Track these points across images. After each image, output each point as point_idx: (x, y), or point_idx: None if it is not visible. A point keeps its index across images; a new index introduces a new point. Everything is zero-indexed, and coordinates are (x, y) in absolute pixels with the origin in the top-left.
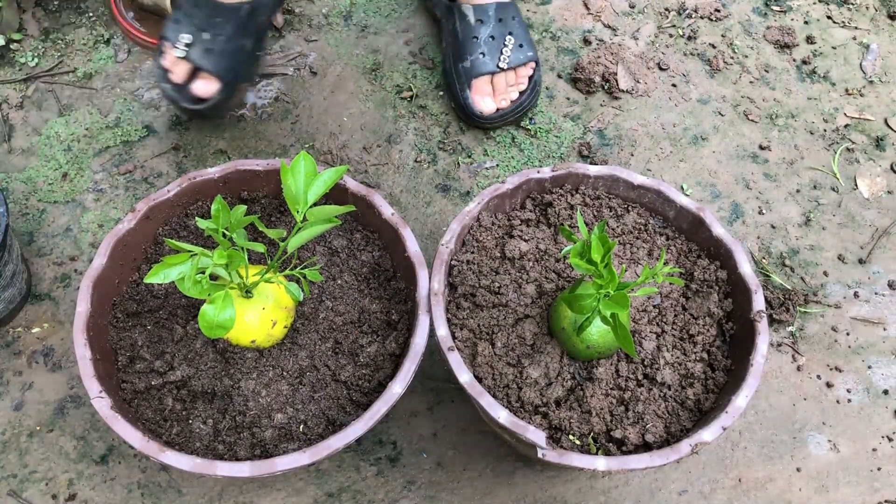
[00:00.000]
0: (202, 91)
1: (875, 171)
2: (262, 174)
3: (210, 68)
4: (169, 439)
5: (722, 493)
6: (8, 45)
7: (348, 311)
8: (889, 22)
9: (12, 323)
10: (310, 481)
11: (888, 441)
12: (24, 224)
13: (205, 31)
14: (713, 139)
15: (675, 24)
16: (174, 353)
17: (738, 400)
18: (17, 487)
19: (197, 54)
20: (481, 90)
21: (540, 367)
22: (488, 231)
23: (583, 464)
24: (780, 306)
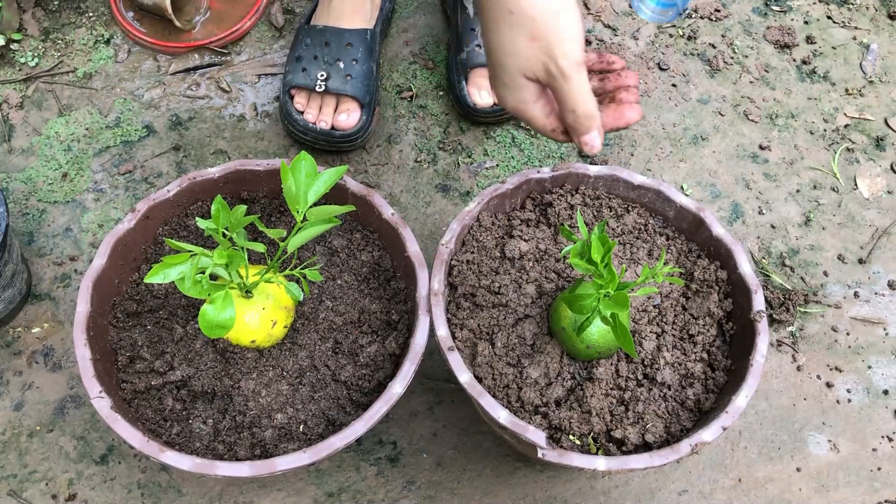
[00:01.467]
0: (347, 123)
1: (875, 171)
2: (262, 174)
3: (351, 93)
4: (169, 439)
5: (722, 493)
6: (8, 45)
7: (348, 311)
8: (889, 22)
9: (12, 323)
10: (310, 481)
11: (888, 441)
12: (24, 224)
13: (339, 59)
14: (713, 139)
15: (674, 24)
16: (174, 353)
17: (738, 400)
18: (17, 487)
19: (336, 83)
20: (478, 83)
21: (540, 367)
22: (488, 231)
23: (583, 464)
24: (780, 306)
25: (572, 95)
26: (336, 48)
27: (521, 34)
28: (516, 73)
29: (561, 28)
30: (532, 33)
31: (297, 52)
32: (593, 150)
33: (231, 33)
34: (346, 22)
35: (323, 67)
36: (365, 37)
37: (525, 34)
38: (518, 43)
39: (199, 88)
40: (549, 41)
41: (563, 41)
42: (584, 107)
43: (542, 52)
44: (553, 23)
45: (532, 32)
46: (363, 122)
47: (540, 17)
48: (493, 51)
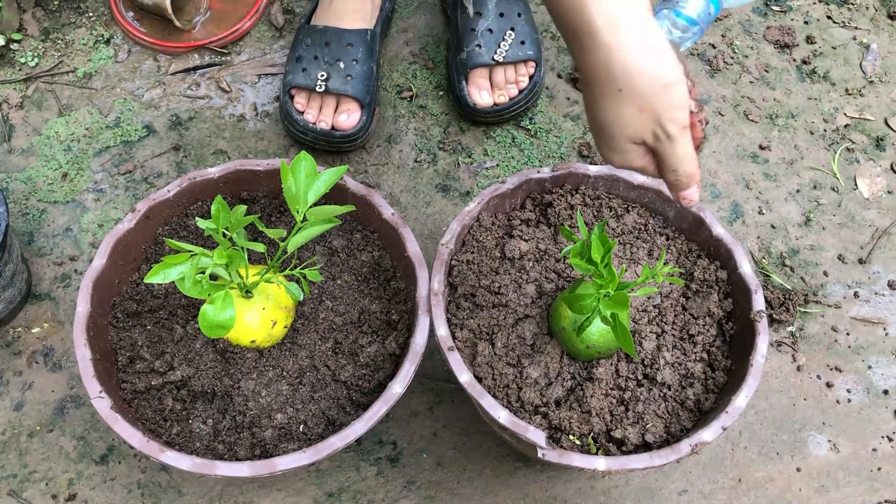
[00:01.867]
0: (347, 124)
1: (875, 171)
2: (262, 174)
3: (352, 93)
4: (169, 439)
5: (722, 493)
6: (8, 45)
7: (348, 311)
8: (889, 22)
9: (12, 323)
10: (310, 481)
11: (888, 441)
12: (24, 224)
13: (339, 59)
14: (713, 139)
15: None
16: (174, 353)
17: (738, 400)
18: (17, 487)
19: (336, 83)
20: (478, 83)
21: (540, 367)
22: (488, 231)
23: (583, 464)
24: (780, 306)
25: (676, 157)
26: (336, 48)
27: (632, 107)
28: (624, 140)
29: (670, 99)
30: (641, 106)
31: (298, 52)
32: (691, 203)
33: (231, 33)
34: (347, 22)
35: (323, 67)
36: (365, 37)
37: (635, 107)
38: (627, 115)
39: (199, 88)
40: (658, 112)
41: (671, 109)
42: (686, 166)
43: (651, 122)
44: (662, 94)
45: (641, 106)
46: (363, 123)
47: (649, 91)
48: (600, 121)
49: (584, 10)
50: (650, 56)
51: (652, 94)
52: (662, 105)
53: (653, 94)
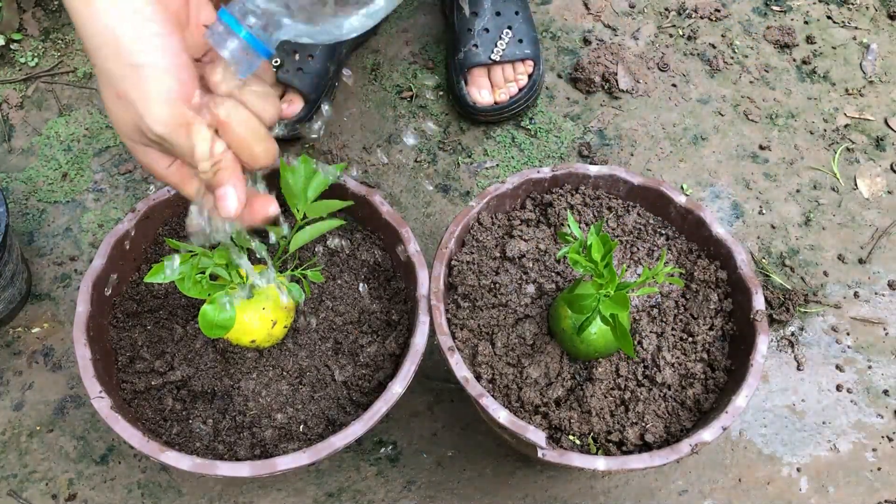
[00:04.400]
0: (285, 113)
1: (875, 171)
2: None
3: (297, 85)
4: (169, 439)
5: (722, 493)
6: (8, 45)
7: (348, 311)
8: (889, 22)
9: (12, 323)
10: (310, 481)
11: (888, 441)
12: (24, 224)
13: (295, 52)
14: (713, 139)
15: (675, 24)
16: (174, 353)
17: (738, 400)
18: (17, 487)
19: (286, 74)
20: (478, 82)
21: (540, 367)
22: (488, 231)
23: (583, 464)
24: (780, 306)
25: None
26: None
27: (108, 90)
28: (124, 136)
29: (145, 87)
30: (116, 91)
31: None
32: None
33: None
34: None
35: (279, 54)
36: None
37: (111, 91)
38: (108, 100)
39: None
40: (133, 102)
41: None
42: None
43: (133, 114)
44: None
45: (116, 91)
46: (300, 116)
47: (117, 72)
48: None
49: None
50: (124, 22)
51: (121, 75)
52: (134, 94)
53: (122, 76)
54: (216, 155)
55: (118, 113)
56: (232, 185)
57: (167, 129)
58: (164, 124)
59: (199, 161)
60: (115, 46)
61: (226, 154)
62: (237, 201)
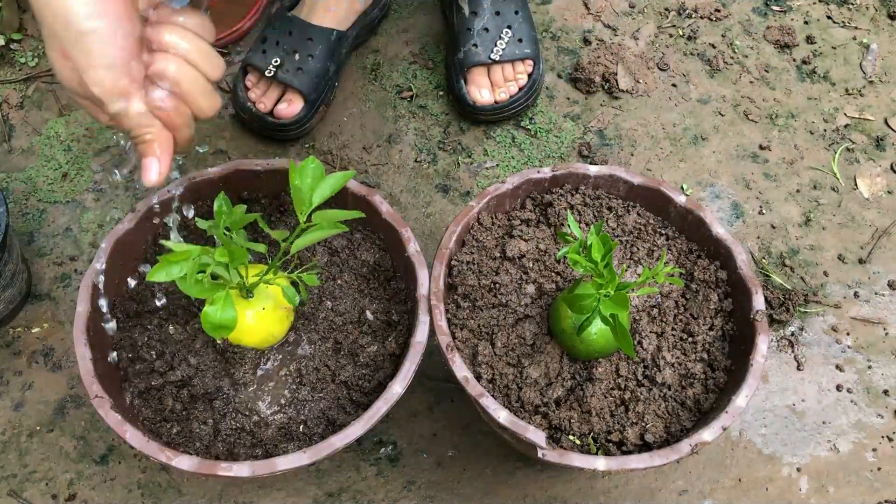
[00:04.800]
0: (285, 113)
1: (875, 171)
2: (262, 174)
3: (297, 85)
4: (169, 439)
5: (722, 493)
6: (8, 45)
7: (348, 311)
8: (889, 22)
9: (12, 323)
10: (310, 481)
11: (888, 441)
12: (24, 224)
13: (296, 51)
14: (713, 139)
15: (675, 24)
16: (174, 353)
17: (738, 400)
18: (17, 487)
19: (285, 72)
20: (477, 82)
21: (540, 367)
22: (488, 231)
23: (583, 464)
24: (780, 306)
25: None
26: (297, 39)
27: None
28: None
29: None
30: (62, 52)
31: (265, 34)
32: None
33: (231, 33)
34: (317, 18)
35: (279, 54)
36: (329, 36)
37: (58, 52)
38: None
39: None
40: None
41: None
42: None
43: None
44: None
45: (62, 51)
46: (300, 116)
47: (62, 35)
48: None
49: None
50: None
51: (67, 39)
52: (79, 58)
53: (68, 39)
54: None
55: (63, 70)
56: (157, 158)
57: (104, 92)
58: (102, 88)
59: (127, 128)
60: (64, 12)
61: (160, 131)
62: (157, 174)
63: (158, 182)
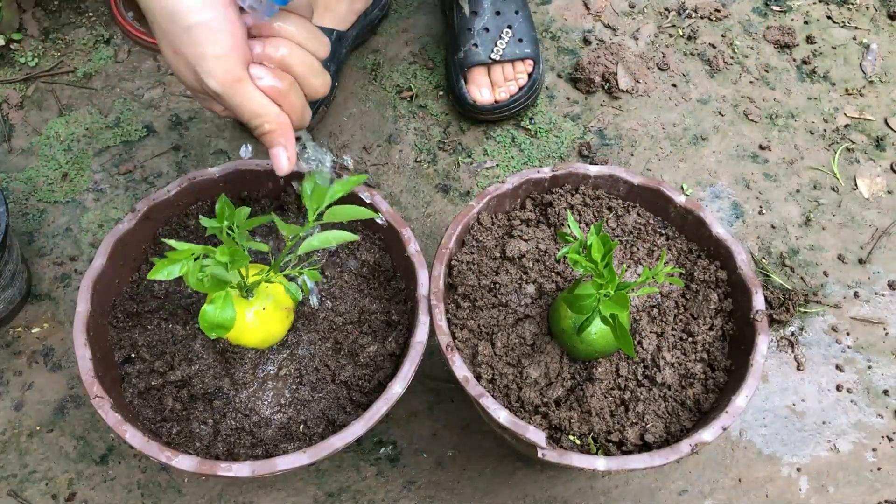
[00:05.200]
0: None
1: (875, 171)
2: (263, 174)
3: None
4: (169, 439)
5: (722, 493)
6: (8, 45)
7: (348, 311)
8: (889, 22)
9: (12, 323)
10: (310, 481)
11: (888, 441)
12: (24, 224)
13: None
14: (713, 139)
15: (675, 24)
16: (174, 353)
17: (738, 400)
18: (17, 487)
19: None
20: (477, 81)
21: (540, 367)
22: (488, 231)
23: (583, 464)
24: (780, 306)
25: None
26: None
27: (167, 47)
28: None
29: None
30: (173, 48)
31: None
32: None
33: None
34: (316, 18)
35: None
36: (329, 37)
37: (170, 48)
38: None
39: None
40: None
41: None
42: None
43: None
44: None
45: (173, 47)
46: None
47: (171, 31)
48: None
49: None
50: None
51: (175, 35)
52: (191, 52)
53: (175, 35)
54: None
55: (178, 67)
56: (283, 146)
57: (220, 85)
58: (218, 80)
59: (248, 119)
60: (171, 8)
61: (278, 117)
62: (287, 160)
63: (291, 167)
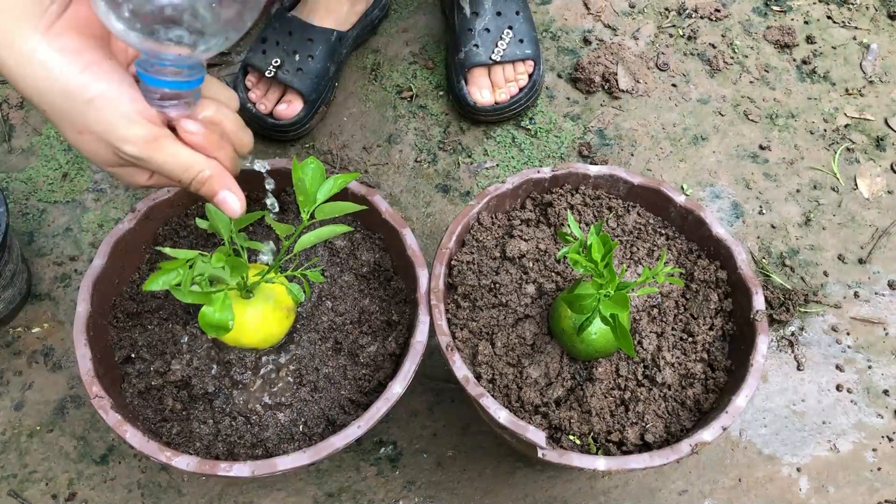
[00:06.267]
0: (285, 114)
1: (875, 171)
2: (262, 174)
3: (297, 86)
4: (169, 439)
5: (722, 493)
6: None
7: (348, 311)
8: (889, 22)
9: (12, 323)
10: (310, 481)
11: (888, 441)
12: (24, 224)
13: (296, 52)
14: (713, 139)
15: (675, 24)
16: (174, 353)
17: (738, 400)
18: (17, 487)
19: (286, 73)
20: (478, 82)
21: (540, 366)
22: (488, 231)
23: (583, 464)
24: (780, 306)
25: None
26: (297, 40)
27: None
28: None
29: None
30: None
31: (264, 34)
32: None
33: None
34: (317, 19)
35: (279, 55)
36: (329, 37)
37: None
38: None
39: None
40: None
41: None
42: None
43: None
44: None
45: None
46: (300, 117)
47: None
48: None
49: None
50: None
51: (76, 113)
52: (98, 126)
53: (77, 113)
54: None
55: (86, 146)
56: (227, 188)
57: (140, 148)
58: (135, 144)
59: (180, 175)
60: (62, 88)
61: (209, 162)
62: (238, 201)
63: (244, 207)
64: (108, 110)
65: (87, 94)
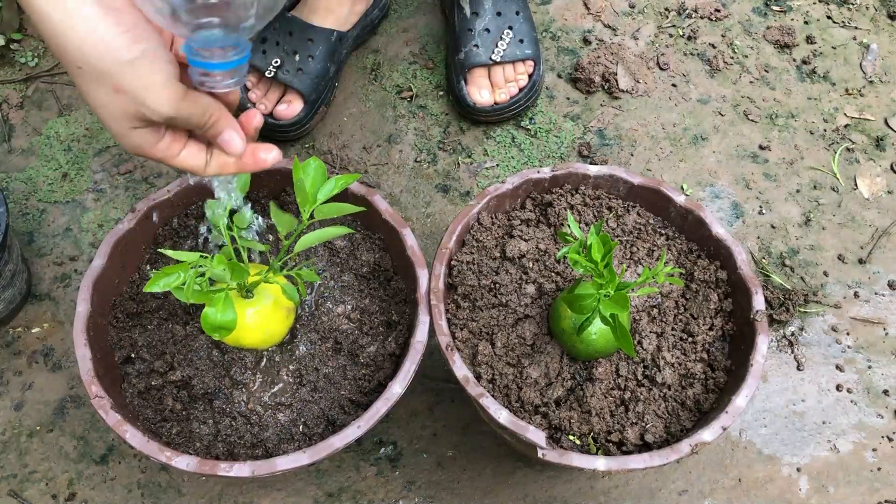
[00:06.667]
0: (285, 114)
1: (875, 171)
2: (262, 175)
3: (297, 86)
4: (169, 439)
5: (722, 493)
6: (8, 45)
7: (348, 311)
8: (889, 22)
9: (12, 323)
10: (310, 481)
11: (888, 441)
12: (24, 224)
13: (296, 52)
14: (713, 139)
15: (675, 24)
16: (174, 353)
17: (738, 400)
18: (17, 487)
19: (286, 73)
20: (477, 82)
21: (540, 367)
22: (488, 231)
23: (583, 464)
24: (780, 306)
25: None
26: (297, 40)
27: (102, 87)
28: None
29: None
30: (114, 86)
31: (265, 34)
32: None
33: None
34: (318, 19)
35: (279, 55)
36: (329, 37)
37: (107, 87)
38: (103, 97)
39: None
40: (133, 93)
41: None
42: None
43: (133, 104)
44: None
45: (114, 86)
46: (300, 117)
47: (111, 69)
48: (90, 105)
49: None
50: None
51: (114, 73)
52: (136, 86)
53: (115, 73)
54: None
55: (116, 105)
56: (231, 128)
57: (172, 108)
58: (170, 104)
59: (199, 121)
60: (102, 47)
61: (220, 108)
62: (240, 139)
63: (244, 146)
64: (149, 71)
65: (130, 55)
